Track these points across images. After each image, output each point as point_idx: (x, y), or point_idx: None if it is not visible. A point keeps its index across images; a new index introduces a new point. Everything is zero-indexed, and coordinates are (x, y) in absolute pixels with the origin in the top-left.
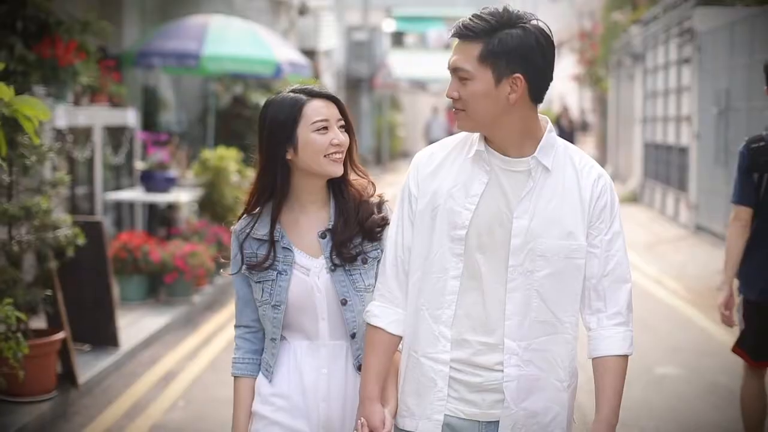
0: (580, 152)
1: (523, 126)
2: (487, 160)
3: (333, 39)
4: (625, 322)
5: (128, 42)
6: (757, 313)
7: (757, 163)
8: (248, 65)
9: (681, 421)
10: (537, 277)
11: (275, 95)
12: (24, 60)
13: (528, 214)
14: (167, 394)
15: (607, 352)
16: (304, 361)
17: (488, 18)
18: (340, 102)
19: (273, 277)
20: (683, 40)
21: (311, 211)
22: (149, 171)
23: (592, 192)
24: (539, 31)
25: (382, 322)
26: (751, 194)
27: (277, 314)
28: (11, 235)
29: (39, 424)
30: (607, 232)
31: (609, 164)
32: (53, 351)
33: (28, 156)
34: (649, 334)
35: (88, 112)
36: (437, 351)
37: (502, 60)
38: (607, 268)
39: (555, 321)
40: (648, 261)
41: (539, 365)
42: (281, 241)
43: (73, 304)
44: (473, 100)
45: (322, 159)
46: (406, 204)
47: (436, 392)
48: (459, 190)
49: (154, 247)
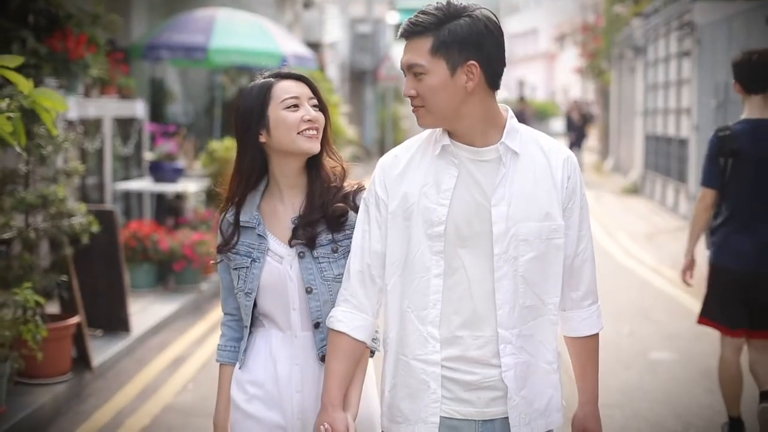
0: (543, 134)
1: (485, 114)
2: (454, 154)
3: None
4: (595, 300)
5: (136, 35)
6: (723, 276)
7: (724, 150)
8: (254, 58)
9: (674, 403)
10: (521, 262)
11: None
12: (36, 53)
13: (505, 200)
14: (177, 377)
15: (586, 332)
16: (279, 352)
17: (434, 12)
18: (310, 81)
19: (247, 265)
20: (683, 34)
21: (289, 197)
22: (158, 162)
23: (563, 172)
24: (487, 18)
25: (346, 327)
26: (717, 178)
27: (248, 302)
28: (28, 223)
29: (55, 405)
30: (579, 213)
31: (611, 156)
32: (69, 335)
33: (44, 146)
34: (646, 321)
35: (98, 103)
36: (427, 352)
37: (454, 49)
38: (580, 248)
39: (540, 304)
40: (647, 251)
41: (530, 351)
42: (257, 229)
43: (86, 291)
44: (431, 93)
45: (296, 136)
46: (373, 208)
47: (430, 394)
48: (431, 187)
49: (163, 235)
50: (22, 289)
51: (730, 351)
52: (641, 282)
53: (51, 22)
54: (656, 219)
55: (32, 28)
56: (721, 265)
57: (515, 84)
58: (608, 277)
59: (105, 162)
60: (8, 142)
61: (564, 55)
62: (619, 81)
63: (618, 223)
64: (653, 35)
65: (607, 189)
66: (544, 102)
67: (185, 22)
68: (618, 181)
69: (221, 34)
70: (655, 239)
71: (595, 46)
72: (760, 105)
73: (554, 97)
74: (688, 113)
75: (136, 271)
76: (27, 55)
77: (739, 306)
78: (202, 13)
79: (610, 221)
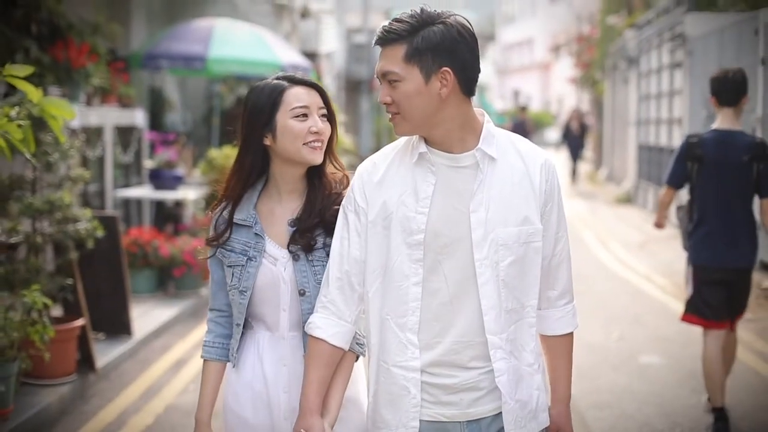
0: (520, 138)
1: (461, 120)
2: (431, 161)
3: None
4: (571, 299)
5: (136, 44)
6: (704, 274)
7: (692, 154)
8: (252, 67)
9: (661, 405)
10: (502, 267)
11: (259, 82)
12: (39, 62)
13: (483, 206)
14: (179, 378)
15: (561, 331)
16: (266, 353)
17: (408, 20)
18: (322, 90)
19: (243, 263)
20: (675, 45)
21: (287, 201)
22: (158, 169)
23: (540, 176)
24: (460, 25)
25: (325, 333)
26: (678, 178)
27: (243, 300)
28: (35, 228)
29: (60, 405)
30: (557, 215)
31: (605, 166)
32: (74, 337)
33: (51, 153)
34: (637, 326)
35: (99, 112)
36: (407, 359)
37: (427, 56)
38: (556, 249)
39: (519, 308)
40: (640, 259)
41: (515, 354)
42: (254, 228)
43: (90, 295)
44: (406, 100)
45: (301, 146)
46: (352, 216)
47: (410, 399)
48: (409, 195)
49: (164, 242)
50: (31, 291)
51: (713, 343)
52: (633, 289)
53: (53, 31)
54: (648, 228)
55: (35, 38)
56: (699, 264)
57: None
58: (601, 284)
59: (106, 169)
60: (18, 149)
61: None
62: (612, 91)
63: (611, 231)
64: (646, 46)
65: (600, 198)
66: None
67: (184, 32)
68: (612, 190)
69: (219, 44)
70: (647, 247)
71: (589, 57)
72: (730, 117)
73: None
74: (679, 123)
75: (136, 276)
76: (30, 64)
77: (719, 299)
78: (201, 23)
79: (604, 230)
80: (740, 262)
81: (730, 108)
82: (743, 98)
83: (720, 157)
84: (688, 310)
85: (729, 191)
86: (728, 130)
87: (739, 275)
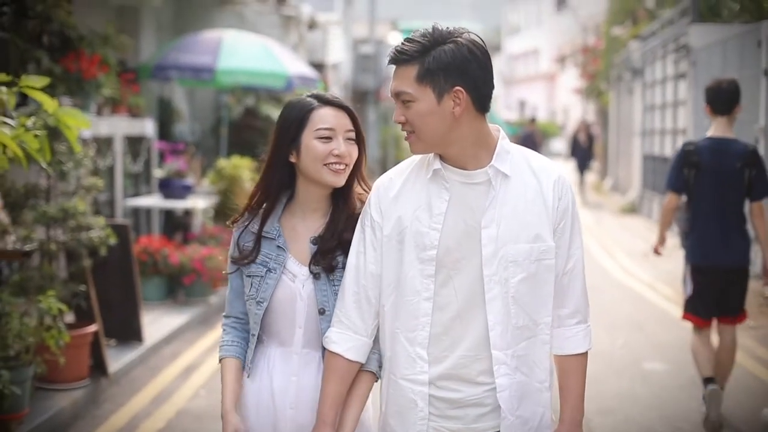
0: (535, 155)
1: (475, 138)
2: (445, 177)
3: (340, 52)
4: (583, 320)
5: (145, 55)
6: (699, 273)
7: (688, 162)
8: (260, 78)
9: (663, 409)
10: (512, 284)
11: (294, 98)
12: (51, 73)
13: (495, 223)
14: (189, 384)
15: (571, 350)
16: (276, 367)
17: (420, 39)
18: (353, 113)
19: (262, 274)
20: (679, 56)
21: (311, 219)
22: (167, 179)
23: (554, 193)
24: (471, 43)
25: (340, 348)
26: (679, 183)
27: (259, 311)
28: (49, 236)
29: (73, 409)
30: (570, 232)
31: (610, 176)
32: (87, 342)
33: (65, 162)
34: (641, 334)
35: (109, 122)
36: (415, 372)
37: (439, 76)
38: (568, 267)
39: (532, 325)
40: (644, 268)
41: (524, 371)
42: (277, 240)
43: (101, 301)
44: (420, 120)
45: (322, 167)
46: (369, 230)
47: (417, 412)
48: (423, 211)
49: (173, 250)
50: (46, 296)
51: (699, 339)
52: (637, 297)
53: (65, 43)
54: (653, 237)
55: (47, 49)
56: (695, 263)
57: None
58: (605, 292)
59: (116, 179)
60: (35, 158)
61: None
62: (617, 102)
63: (616, 241)
64: (651, 57)
65: (606, 208)
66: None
67: (193, 43)
68: (617, 200)
69: (228, 55)
70: (651, 257)
71: (594, 68)
72: (724, 125)
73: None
74: (684, 133)
75: (146, 284)
76: (42, 75)
77: (711, 298)
78: (209, 35)
79: (609, 240)
80: (734, 261)
81: (724, 117)
82: (736, 107)
83: (715, 163)
84: (687, 310)
85: (723, 195)
86: (722, 137)
87: (734, 274)
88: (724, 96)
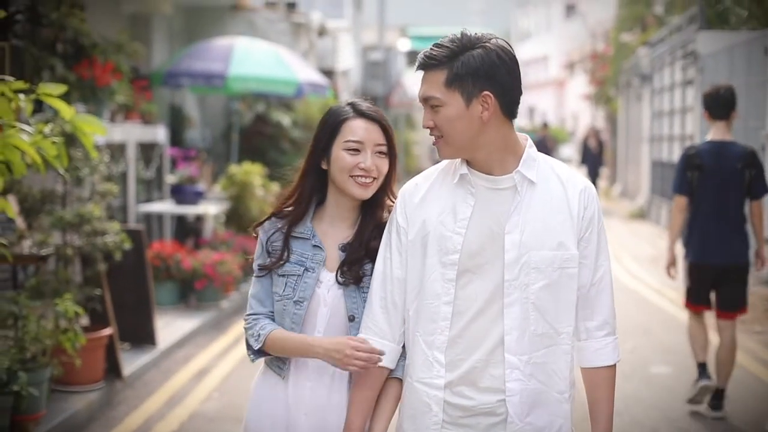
0: (562, 164)
1: (502, 143)
2: (471, 182)
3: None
4: (612, 332)
5: (157, 62)
6: (696, 269)
7: (691, 165)
8: (271, 85)
9: (668, 411)
10: (533, 290)
11: (335, 105)
12: (65, 80)
13: (518, 228)
14: (202, 387)
15: (600, 363)
16: (292, 373)
17: (448, 44)
18: (385, 126)
19: (299, 273)
20: (687, 63)
21: (339, 228)
22: (179, 185)
23: (579, 203)
24: (500, 48)
25: None
26: (685, 187)
27: (299, 310)
28: (65, 240)
29: (89, 411)
30: (596, 243)
31: (619, 181)
32: (102, 345)
33: (81, 168)
34: (648, 338)
35: (122, 128)
36: (431, 376)
37: (467, 81)
38: (596, 278)
39: (553, 333)
40: (651, 273)
41: (540, 379)
42: (312, 240)
43: (115, 305)
44: (448, 125)
45: (348, 178)
46: (394, 236)
47: (431, 416)
48: (447, 215)
49: (185, 255)
50: (63, 299)
51: (695, 322)
52: (644, 302)
53: (78, 50)
54: (661, 243)
55: (61, 57)
56: (693, 260)
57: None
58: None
59: (129, 185)
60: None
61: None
62: (626, 108)
63: (624, 246)
64: (659, 64)
65: (615, 214)
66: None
67: (204, 50)
68: (625, 206)
69: (239, 63)
70: (659, 262)
71: (603, 74)
72: (722, 129)
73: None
74: (692, 139)
75: (159, 288)
76: (57, 82)
77: (705, 290)
78: (221, 42)
79: (617, 245)
80: (732, 259)
81: (722, 121)
82: (733, 112)
83: (717, 165)
84: (688, 299)
85: (725, 195)
86: (722, 141)
87: (732, 272)
88: (721, 102)
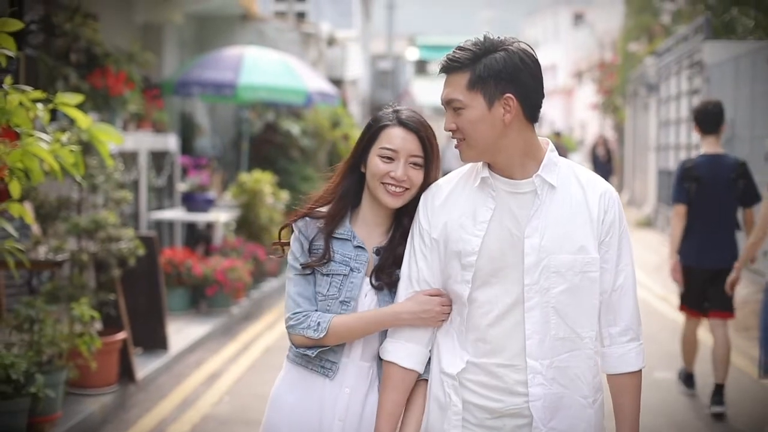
0: (583, 168)
1: (524, 146)
2: (492, 186)
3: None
4: (636, 337)
5: (168, 71)
6: (690, 274)
7: (689, 176)
8: (281, 94)
9: (672, 416)
10: (553, 294)
11: (382, 110)
12: (79, 89)
13: (538, 232)
14: (214, 390)
15: (623, 369)
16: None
17: (471, 47)
18: (423, 136)
19: (345, 272)
20: (693, 72)
21: (374, 233)
22: (190, 192)
23: (599, 207)
24: (522, 51)
25: (395, 356)
26: (684, 196)
27: (346, 310)
28: (80, 246)
29: (103, 413)
30: (617, 247)
31: (626, 190)
32: (116, 349)
33: (96, 176)
34: (653, 344)
35: (134, 137)
36: (449, 367)
37: (490, 83)
38: (617, 283)
39: (575, 337)
40: (655, 280)
41: (563, 383)
42: (353, 241)
43: (128, 311)
44: (470, 127)
45: (379, 185)
46: (417, 239)
47: (452, 406)
48: (467, 218)
49: (196, 262)
50: (79, 304)
51: (690, 328)
52: (649, 308)
53: (91, 60)
54: (665, 251)
55: (75, 66)
56: (687, 264)
57: None
58: None
59: (140, 192)
60: (69, 172)
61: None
62: (633, 117)
63: None
64: (665, 73)
65: None
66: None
67: (215, 59)
68: (633, 214)
69: (249, 72)
70: (663, 269)
71: (611, 83)
72: (713, 143)
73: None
74: (698, 149)
75: (171, 294)
76: (70, 91)
77: (700, 294)
78: (231, 52)
79: None
80: (724, 262)
81: (712, 135)
82: (722, 126)
83: (713, 176)
84: (683, 303)
85: (719, 204)
86: (715, 153)
87: (725, 273)
88: (711, 117)
